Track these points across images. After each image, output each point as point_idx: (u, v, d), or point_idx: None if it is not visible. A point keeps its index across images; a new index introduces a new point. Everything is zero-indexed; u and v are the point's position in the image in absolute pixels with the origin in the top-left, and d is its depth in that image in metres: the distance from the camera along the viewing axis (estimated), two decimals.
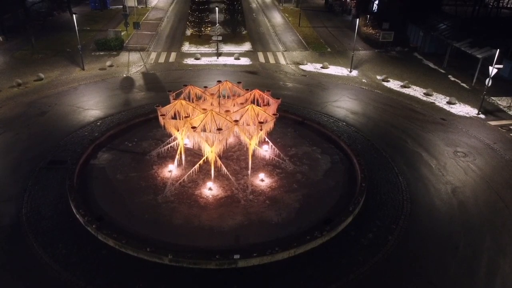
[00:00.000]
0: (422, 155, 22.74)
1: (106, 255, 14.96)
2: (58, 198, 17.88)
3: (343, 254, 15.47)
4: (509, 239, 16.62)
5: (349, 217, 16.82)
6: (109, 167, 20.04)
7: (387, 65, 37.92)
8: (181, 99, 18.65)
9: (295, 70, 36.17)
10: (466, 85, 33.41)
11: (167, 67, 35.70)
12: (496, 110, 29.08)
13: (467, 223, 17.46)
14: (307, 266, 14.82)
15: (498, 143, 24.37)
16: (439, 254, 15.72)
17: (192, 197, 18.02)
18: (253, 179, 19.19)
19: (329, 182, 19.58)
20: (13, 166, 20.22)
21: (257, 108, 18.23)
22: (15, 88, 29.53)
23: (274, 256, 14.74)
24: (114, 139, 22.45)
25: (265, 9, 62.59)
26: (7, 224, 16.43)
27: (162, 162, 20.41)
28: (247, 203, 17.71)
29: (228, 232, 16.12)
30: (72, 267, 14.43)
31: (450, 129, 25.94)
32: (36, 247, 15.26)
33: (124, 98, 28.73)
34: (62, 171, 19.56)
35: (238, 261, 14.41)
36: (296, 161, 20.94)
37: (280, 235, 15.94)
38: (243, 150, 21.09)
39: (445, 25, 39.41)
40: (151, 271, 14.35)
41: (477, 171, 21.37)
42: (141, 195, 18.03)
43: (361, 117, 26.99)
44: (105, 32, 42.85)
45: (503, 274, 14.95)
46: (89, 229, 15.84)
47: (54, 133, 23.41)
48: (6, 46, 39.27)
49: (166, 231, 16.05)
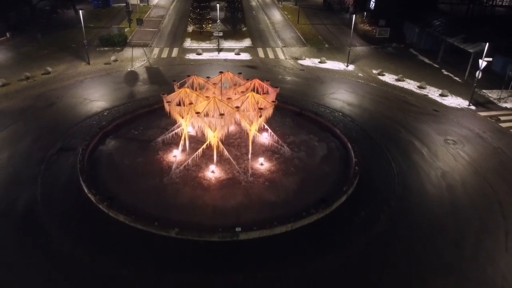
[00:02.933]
0: (415, 143, 23.88)
1: (117, 230, 16.08)
2: (70, 181, 18.99)
3: (336, 230, 16.61)
4: (494, 219, 17.76)
5: (343, 197, 17.95)
6: (116, 153, 21.17)
7: (383, 60, 39.06)
8: (185, 88, 19.76)
9: (293, 65, 37.31)
10: (459, 79, 34.57)
11: (170, 62, 36.84)
12: (487, 102, 30.23)
13: (455, 204, 18.61)
14: (303, 240, 15.96)
15: (487, 132, 25.52)
16: (428, 231, 16.86)
17: (196, 179, 19.15)
18: (253, 163, 20.30)
19: (325, 167, 20.71)
20: (26, 153, 21.31)
21: (257, 95, 19.35)
22: (24, 81, 30.64)
23: (272, 230, 15.87)
24: (120, 128, 23.58)
25: (264, 7, 63.71)
26: (23, 204, 17.52)
27: (167, 148, 21.52)
28: (248, 185, 18.85)
29: (230, 210, 17.25)
30: (84, 242, 15.55)
31: (442, 120, 27.08)
32: (50, 225, 16.37)
33: (129, 90, 29.86)
34: (72, 157, 20.68)
35: (239, 234, 15.54)
36: (294, 148, 22.06)
37: (279, 213, 17.05)
38: (244, 138, 22.16)
39: (439, 22, 40.54)
40: (158, 244, 15.48)
41: (466, 158, 22.51)
42: (148, 178, 19.16)
43: (356, 108, 28.14)
44: (109, 29, 44.00)
45: (486, 248, 16.08)
46: (100, 206, 16.96)
47: (63, 123, 24.52)
48: (12, 43, 40.36)
49: (172, 209, 17.17)
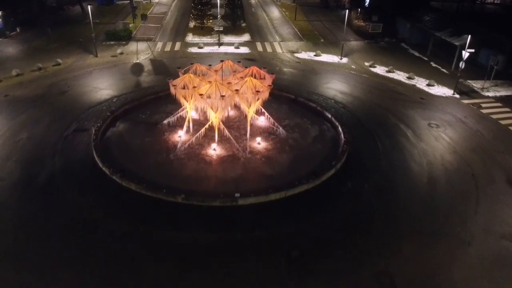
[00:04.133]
0: (400, 127, 25.89)
1: (130, 198, 18.07)
2: (85, 157, 20.98)
3: (325, 198, 18.63)
4: (467, 189, 19.79)
5: (331, 170, 19.96)
6: (126, 133, 23.19)
7: (375, 54, 41.08)
8: (189, 73, 21.75)
9: (290, 57, 39.32)
10: (446, 70, 36.60)
11: (173, 55, 38.86)
12: (471, 91, 32.25)
13: (433, 177, 20.63)
14: (295, 205, 17.95)
15: (468, 117, 27.54)
16: (406, 198, 18.91)
17: (199, 155, 21.16)
18: (251, 142, 22.31)
19: (316, 145, 22.74)
20: (42, 134, 23.26)
21: (254, 80, 21.34)
22: (36, 72, 32.64)
23: (268, 197, 17.88)
24: (129, 113, 25.57)
25: (263, 5, 65.74)
26: (44, 177, 19.50)
27: (172, 130, 23.53)
28: (246, 160, 20.86)
29: (230, 181, 19.26)
30: (101, 207, 17.55)
31: (427, 107, 29.10)
32: (69, 193, 18.38)
33: (135, 80, 31.87)
34: (86, 137, 22.67)
35: (238, 199, 17.55)
36: (289, 130, 24.07)
37: (273, 183, 19.03)
38: (243, 121, 24.15)
39: (429, 18, 42.56)
40: (167, 208, 17.47)
41: (447, 139, 24.53)
42: (156, 154, 21.17)
43: (348, 97, 30.15)
44: (114, 25, 45.99)
45: (458, 212, 18.08)
46: (114, 177, 18.95)
47: (75, 108, 26.52)
48: (22, 37, 42.37)
49: (178, 180, 19.16)
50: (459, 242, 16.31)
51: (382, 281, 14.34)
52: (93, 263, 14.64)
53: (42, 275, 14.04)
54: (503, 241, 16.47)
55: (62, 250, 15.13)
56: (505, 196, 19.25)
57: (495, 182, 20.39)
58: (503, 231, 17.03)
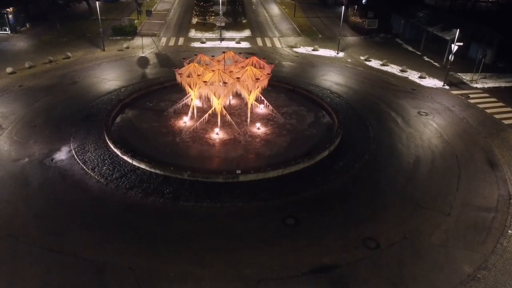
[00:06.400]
0: (391, 114, 27.60)
1: (140, 174, 19.80)
2: (97, 140, 22.71)
3: (319, 175, 20.35)
4: (450, 168, 21.52)
5: (325, 152, 21.68)
6: (135, 119, 24.95)
7: (370, 49, 42.76)
8: (194, 63, 23.48)
9: (289, 52, 41.02)
10: (438, 64, 38.28)
11: (177, 49, 40.58)
12: (460, 83, 33.94)
13: (418, 157, 22.37)
14: (291, 181, 19.70)
15: (456, 106, 29.24)
16: (392, 174, 20.71)
17: (203, 139, 22.89)
18: (251, 127, 24.03)
19: (312, 130, 24.48)
20: (57, 120, 25.00)
21: (254, 69, 23.06)
22: (48, 64, 34.39)
23: (266, 174, 19.61)
24: (137, 101, 27.31)
25: (263, 2, 67.39)
26: (61, 156, 21.27)
27: (177, 117, 25.26)
28: (246, 143, 22.59)
29: (232, 160, 21.00)
30: (115, 181, 19.29)
31: (418, 96, 30.81)
32: (86, 169, 20.13)
33: (141, 72, 33.60)
34: (97, 122, 24.39)
35: (239, 176, 19.27)
36: (286, 116, 25.80)
37: (272, 162, 20.76)
38: (244, 109, 25.85)
39: (422, 14, 44.24)
40: (175, 183, 19.20)
41: (434, 125, 26.23)
42: (163, 137, 22.91)
43: (343, 87, 31.86)
44: (119, 21, 47.67)
45: (439, 187, 19.81)
46: (125, 157, 20.69)
47: (86, 97, 28.28)
48: (32, 32, 44.10)
49: (184, 159, 20.91)
50: (439, 213, 18.04)
51: (367, 243, 16.08)
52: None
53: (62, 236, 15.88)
54: (479, 211, 18.22)
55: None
56: (484, 174, 21.01)
57: (476, 162, 22.13)
58: (480, 203, 18.77)
